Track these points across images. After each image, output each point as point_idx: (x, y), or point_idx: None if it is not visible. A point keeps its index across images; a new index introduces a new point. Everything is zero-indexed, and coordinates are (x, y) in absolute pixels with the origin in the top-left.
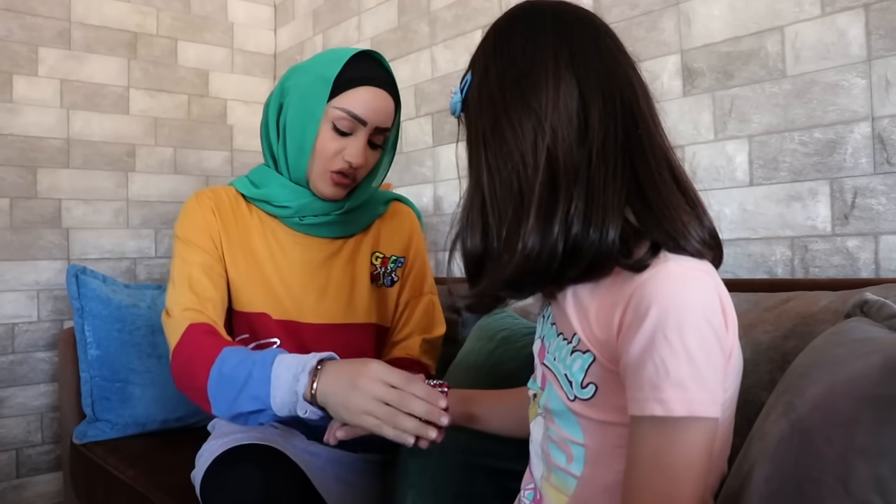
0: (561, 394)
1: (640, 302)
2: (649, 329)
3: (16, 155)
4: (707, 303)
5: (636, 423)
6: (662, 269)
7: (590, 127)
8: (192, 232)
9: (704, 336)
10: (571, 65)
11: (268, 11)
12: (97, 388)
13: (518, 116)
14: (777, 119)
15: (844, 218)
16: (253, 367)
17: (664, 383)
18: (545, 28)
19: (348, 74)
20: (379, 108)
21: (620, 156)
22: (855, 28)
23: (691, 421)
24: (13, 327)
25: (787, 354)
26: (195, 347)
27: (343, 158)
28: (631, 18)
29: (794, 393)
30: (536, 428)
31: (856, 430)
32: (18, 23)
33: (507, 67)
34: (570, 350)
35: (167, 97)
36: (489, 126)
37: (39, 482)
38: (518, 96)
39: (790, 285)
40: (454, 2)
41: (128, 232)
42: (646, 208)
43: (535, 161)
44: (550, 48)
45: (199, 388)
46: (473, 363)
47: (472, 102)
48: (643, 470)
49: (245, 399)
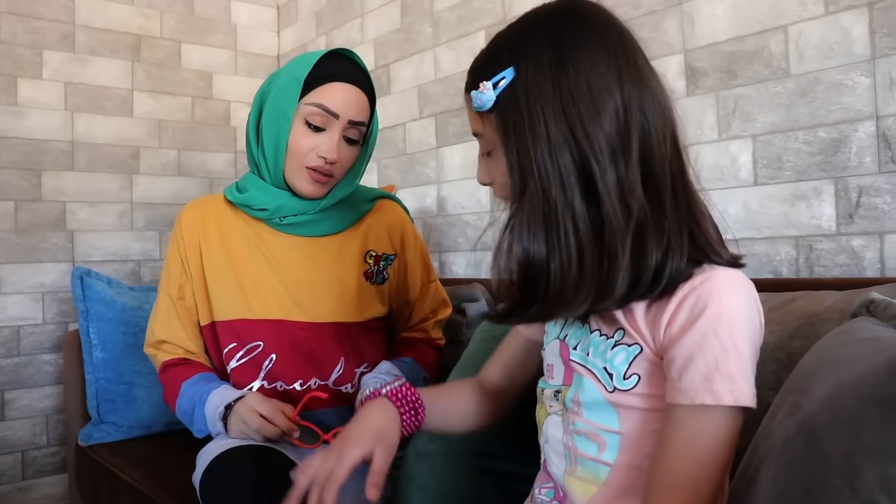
0: (598, 386)
1: (696, 303)
2: (702, 327)
3: (20, 157)
4: (751, 306)
5: (677, 411)
6: (713, 276)
7: (653, 152)
8: (170, 259)
9: (748, 335)
10: (634, 84)
11: (271, 13)
12: (102, 391)
13: (592, 133)
14: (781, 118)
15: (849, 217)
16: (195, 410)
17: (715, 375)
18: (606, 38)
19: (318, 72)
20: (350, 103)
21: (679, 180)
22: (859, 27)
23: (732, 411)
24: (18, 329)
25: (792, 354)
26: (167, 381)
27: (317, 154)
28: (634, 18)
29: (801, 393)
30: (553, 426)
31: (862, 430)
32: (23, 26)
33: (571, 79)
34: (612, 344)
35: (171, 99)
36: (546, 134)
37: (45, 484)
38: (591, 111)
39: (795, 285)
40: (457, 3)
41: (132, 234)
42: (698, 226)
43: (619, 201)
44: (614, 64)
45: (174, 412)
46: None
47: (513, 101)
48: (677, 453)
49: (196, 426)
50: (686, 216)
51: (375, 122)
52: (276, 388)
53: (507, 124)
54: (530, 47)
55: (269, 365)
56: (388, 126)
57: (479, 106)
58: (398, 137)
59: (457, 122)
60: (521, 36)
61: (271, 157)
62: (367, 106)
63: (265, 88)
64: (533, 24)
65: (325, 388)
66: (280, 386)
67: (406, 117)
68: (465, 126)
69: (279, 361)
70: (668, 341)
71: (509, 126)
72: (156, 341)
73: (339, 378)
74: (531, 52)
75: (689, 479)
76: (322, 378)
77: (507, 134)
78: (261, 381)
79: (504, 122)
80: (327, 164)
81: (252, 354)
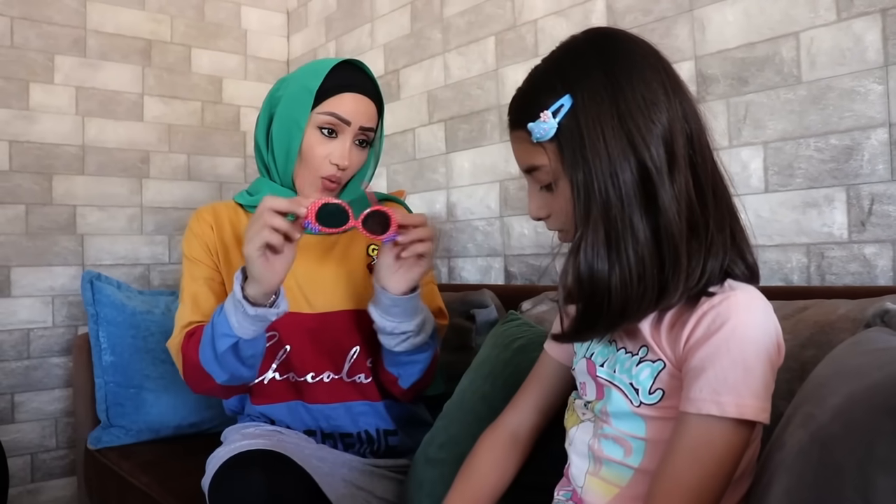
0: (625, 400)
1: (715, 320)
2: (716, 342)
3: (32, 162)
4: (766, 326)
5: (686, 418)
6: (732, 296)
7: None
8: (194, 249)
9: (762, 353)
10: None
11: (281, 18)
12: (111, 394)
13: (651, 142)
14: (792, 125)
15: (861, 225)
16: (214, 316)
17: (723, 388)
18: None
19: (330, 83)
20: (361, 111)
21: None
22: (871, 34)
23: (738, 424)
24: (28, 333)
25: (805, 364)
26: (189, 346)
27: (330, 162)
28: (644, 25)
29: (814, 403)
30: (583, 431)
31: (876, 442)
32: (35, 31)
33: (628, 96)
34: (637, 361)
35: (181, 104)
36: (606, 152)
37: (54, 487)
38: (649, 122)
39: (807, 293)
40: (467, 8)
41: (142, 238)
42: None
43: (677, 206)
44: (659, 80)
45: (198, 369)
46: (489, 372)
47: (572, 127)
48: (681, 460)
49: (219, 343)
50: (727, 216)
51: (382, 129)
52: (289, 378)
53: (570, 150)
54: (582, 73)
55: (283, 355)
56: (398, 131)
57: (540, 136)
58: (407, 143)
59: (466, 128)
60: (567, 64)
61: (281, 162)
62: (376, 114)
63: (275, 93)
64: (576, 52)
65: (339, 382)
66: (292, 377)
67: (415, 122)
68: (475, 132)
69: (293, 352)
70: (685, 353)
71: (571, 152)
72: (185, 324)
73: (353, 367)
74: (584, 77)
75: (691, 486)
76: (335, 371)
77: (571, 160)
78: (273, 371)
79: (566, 148)
80: (339, 171)
81: (266, 344)
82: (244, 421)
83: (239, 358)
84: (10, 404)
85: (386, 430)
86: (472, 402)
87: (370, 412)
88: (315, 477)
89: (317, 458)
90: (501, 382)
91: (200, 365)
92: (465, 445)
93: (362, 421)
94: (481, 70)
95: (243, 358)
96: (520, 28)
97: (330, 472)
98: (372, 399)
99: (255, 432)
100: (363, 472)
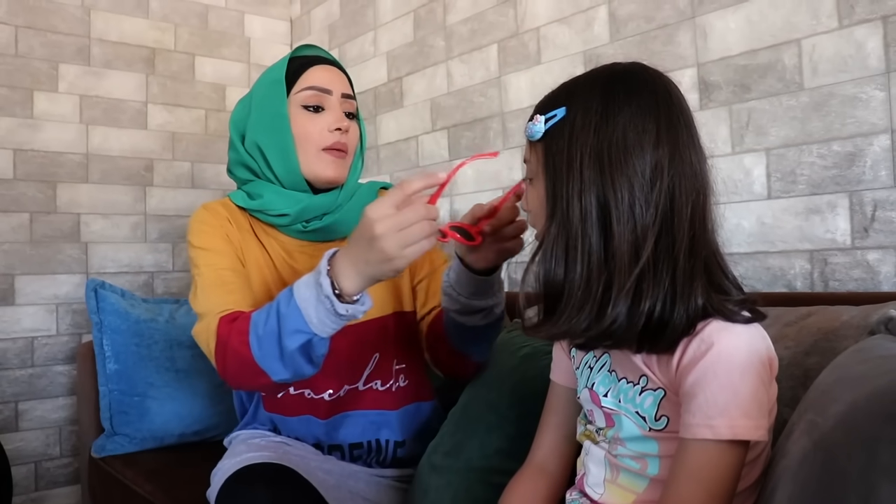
0: (635, 427)
1: (700, 345)
2: (703, 367)
3: (36, 170)
4: (751, 345)
5: (685, 445)
6: (713, 321)
7: (675, 213)
8: (212, 240)
9: (746, 372)
10: (668, 150)
11: (284, 26)
12: (115, 402)
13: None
14: (795, 132)
15: (864, 231)
16: (279, 308)
17: (713, 411)
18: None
19: (294, 66)
20: (335, 79)
21: (700, 242)
22: (873, 40)
23: (732, 444)
24: (32, 341)
25: (808, 371)
26: (229, 334)
27: (328, 130)
28: (647, 32)
29: (817, 410)
30: (598, 448)
31: (879, 449)
32: (39, 40)
33: (610, 130)
34: (640, 390)
35: (185, 112)
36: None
37: (57, 495)
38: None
39: (810, 299)
40: (470, 16)
41: (145, 246)
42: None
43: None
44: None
45: (250, 366)
46: (495, 380)
47: (558, 137)
48: (686, 485)
49: (288, 340)
50: (701, 276)
51: (360, 117)
52: (304, 394)
53: (549, 157)
54: (584, 95)
55: None
56: (401, 139)
57: (530, 135)
58: (411, 150)
59: (469, 136)
60: (580, 84)
61: (281, 162)
62: (349, 83)
63: (242, 115)
64: (594, 76)
65: (353, 391)
66: (308, 394)
67: (419, 130)
68: (478, 139)
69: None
70: (678, 379)
71: (551, 159)
72: (220, 309)
73: (370, 376)
74: (583, 98)
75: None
76: (352, 383)
77: (547, 165)
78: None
79: (547, 154)
80: (342, 137)
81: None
82: (251, 427)
83: (308, 356)
84: (14, 412)
85: (396, 441)
86: (478, 409)
87: (381, 422)
88: (321, 490)
89: (323, 471)
90: (507, 390)
91: (254, 361)
92: (470, 453)
93: (372, 431)
94: (484, 78)
95: (314, 357)
96: (522, 36)
97: (336, 485)
98: (385, 408)
99: (260, 444)
100: (369, 483)
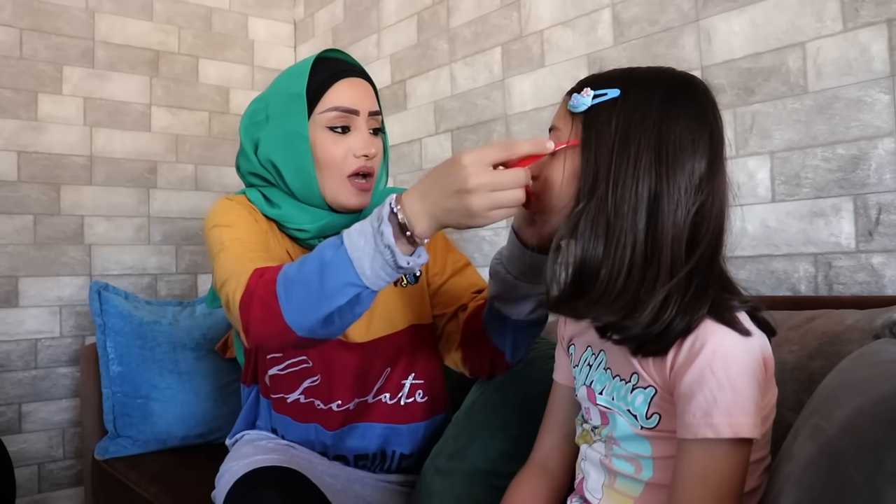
0: (628, 425)
1: (694, 344)
2: (699, 366)
3: (40, 172)
4: (745, 343)
5: (684, 445)
6: (707, 320)
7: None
8: (239, 220)
9: (743, 371)
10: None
11: (288, 29)
12: (119, 404)
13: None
14: (799, 135)
15: (869, 234)
16: (323, 256)
17: (713, 410)
18: (706, 120)
19: (319, 79)
20: (363, 94)
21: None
22: (878, 44)
23: (735, 443)
24: (36, 343)
25: (813, 374)
26: (257, 283)
27: (354, 156)
28: (650, 35)
29: (822, 415)
30: (595, 450)
31: (884, 454)
32: (44, 42)
33: (671, 128)
34: (631, 388)
35: (188, 114)
36: (635, 157)
37: (61, 497)
38: (678, 162)
39: (814, 302)
40: (473, 19)
41: (149, 248)
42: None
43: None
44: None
45: (275, 316)
46: (499, 383)
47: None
48: (691, 486)
49: (339, 295)
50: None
51: (384, 124)
52: (313, 403)
53: (593, 132)
54: (644, 85)
55: (310, 384)
56: (405, 141)
57: (573, 105)
58: (414, 153)
59: (473, 138)
60: (640, 74)
61: (299, 183)
62: (374, 95)
63: (254, 119)
64: (656, 72)
65: (362, 404)
66: (317, 403)
67: (422, 132)
68: (481, 142)
69: (322, 383)
70: (672, 379)
71: (594, 134)
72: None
73: (380, 389)
74: (644, 88)
75: None
76: (362, 395)
77: (588, 140)
78: (298, 393)
79: (590, 128)
80: (368, 162)
81: (296, 368)
82: (255, 428)
83: (352, 312)
84: (18, 414)
85: (403, 453)
86: (482, 413)
87: (390, 435)
88: (328, 495)
89: (329, 476)
90: (511, 393)
91: (281, 314)
92: (474, 456)
93: (379, 443)
94: (488, 80)
95: (356, 313)
96: (526, 38)
97: (343, 490)
98: (395, 422)
99: (268, 446)
100: (375, 488)
